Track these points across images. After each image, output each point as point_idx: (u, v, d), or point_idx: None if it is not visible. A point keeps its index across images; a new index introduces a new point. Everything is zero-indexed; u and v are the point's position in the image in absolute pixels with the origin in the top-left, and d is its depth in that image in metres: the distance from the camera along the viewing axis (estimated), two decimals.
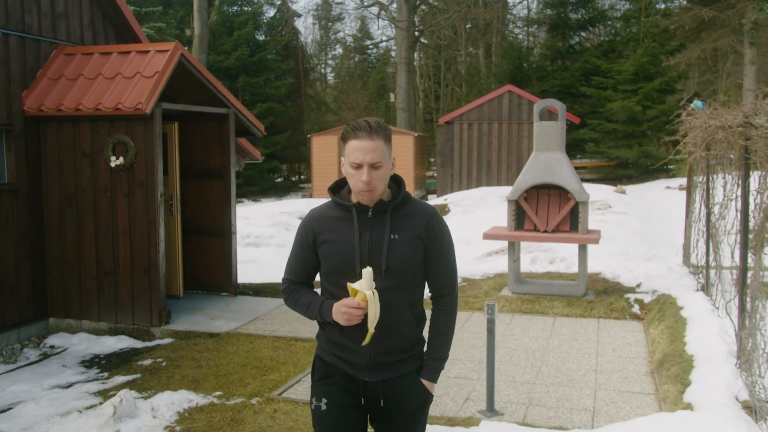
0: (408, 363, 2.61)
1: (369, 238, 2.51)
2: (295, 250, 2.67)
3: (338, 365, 2.60)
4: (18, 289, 7.15)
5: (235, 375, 5.72)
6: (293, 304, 2.67)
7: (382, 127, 2.50)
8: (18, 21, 7.08)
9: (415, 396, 2.59)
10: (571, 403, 5.01)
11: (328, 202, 2.65)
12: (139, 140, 6.99)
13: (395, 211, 2.56)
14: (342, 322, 2.46)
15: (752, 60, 19.90)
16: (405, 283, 2.55)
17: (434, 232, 2.58)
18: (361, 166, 2.45)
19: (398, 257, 2.51)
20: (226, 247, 8.60)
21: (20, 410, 5.16)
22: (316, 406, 2.62)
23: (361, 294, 2.42)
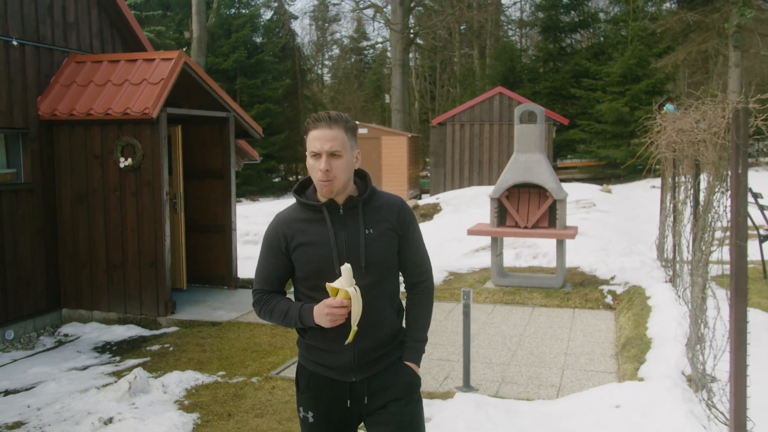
0: (389, 354, 2.59)
1: (344, 235, 2.47)
2: (265, 258, 2.59)
3: (321, 372, 2.56)
4: (34, 282, 7.68)
5: (236, 358, 6.25)
6: (268, 315, 2.58)
7: (343, 119, 2.48)
8: (33, 32, 7.61)
9: (401, 378, 2.57)
10: (540, 380, 5.56)
11: (294, 204, 2.60)
12: (146, 143, 7.52)
13: (365, 205, 2.54)
14: (326, 324, 2.40)
15: (736, 63, 20.47)
16: (384, 277, 2.53)
17: (406, 223, 2.57)
18: (319, 155, 2.42)
19: (376, 251, 2.49)
20: (227, 244, 9.13)
21: (42, 388, 5.69)
22: (303, 417, 2.61)
23: (343, 292, 2.37)
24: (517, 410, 4.44)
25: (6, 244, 7.30)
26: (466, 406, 4.42)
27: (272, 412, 4.93)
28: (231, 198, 9.10)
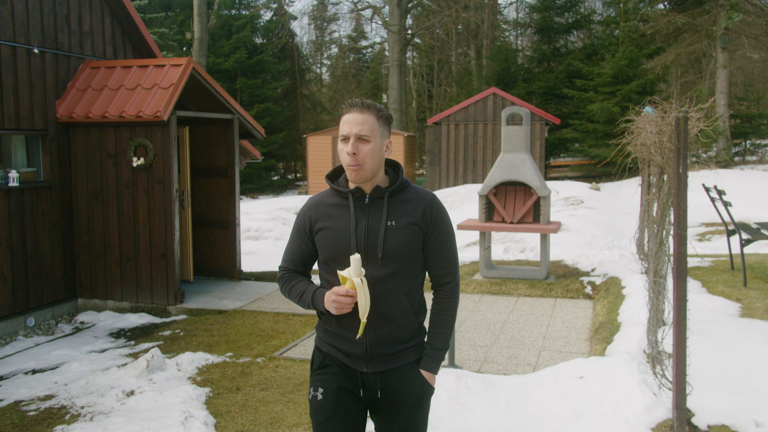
0: (407, 354, 2.56)
1: (365, 224, 2.48)
2: (293, 238, 2.66)
3: (335, 355, 2.58)
4: (52, 273, 8.25)
5: (242, 341, 6.83)
6: (287, 293, 2.65)
7: (376, 107, 2.49)
8: (52, 40, 8.16)
9: (413, 388, 2.55)
10: (518, 360, 6.13)
11: (327, 189, 2.64)
12: (158, 143, 8.08)
13: (392, 197, 2.53)
14: (332, 310, 2.43)
15: (724, 64, 21.03)
16: (401, 271, 2.49)
17: (432, 219, 2.52)
18: (348, 138, 2.44)
19: (394, 244, 2.46)
20: (231, 238, 9.70)
21: (67, 367, 6.26)
22: (312, 396, 2.60)
23: (350, 281, 2.39)
24: (493, 382, 5.02)
25: (27, 238, 7.87)
26: (448, 379, 4.99)
27: (276, 386, 5.50)
28: (235, 195, 9.67)
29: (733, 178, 17.93)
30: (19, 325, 7.77)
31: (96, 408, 5.10)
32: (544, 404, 4.65)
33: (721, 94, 21.18)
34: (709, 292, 7.36)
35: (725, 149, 20.73)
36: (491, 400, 4.74)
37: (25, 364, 6.57)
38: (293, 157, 32.40)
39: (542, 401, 4.69)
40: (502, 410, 4.59)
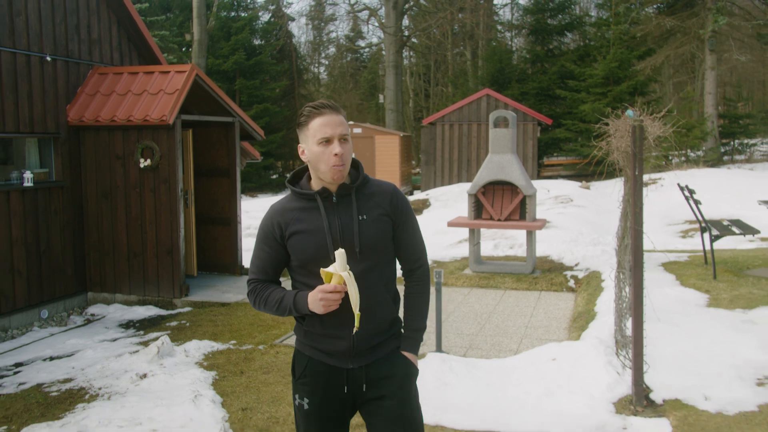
0: (388, 343, 2.62)
1: (338, 222, 2.51)
2: (260, 248, 2.63)
3: (319, 358, 2.59)
4: (64, 268, 8.72)
5: (244, 331, 7.31)
6: (263, 304, 2.61)
7: (337, 104, 2.55)
8: (63, 48, 8.64)
9: (398, 370, 2.60)
10: (501, 347, 6.63)
11: (288, 195, 2.65)
12: (163, 145, 8.56)
13: (358, 192, 2.57)
14: (320, 310, 2.43)
15: (712, 66, 21.53)
16: (378, 263, 2.55)
17: (400, 208, 2.60)
18: (330, 140, 2.45)
19: (370, 237, 2.51)
20: (233, 235, 10.19)
21: (82, 354, 6.74)
22: (299, 404, 2.62)
23: (337, 276, 2.39)
24: (475, 365, 5.51)
25: (41, 235, 8.34)
26: (434, 362, 5.48)
27: (277, 370, 5.99)
28: (236, 194, 10.15)
29: (720, 176, 18.43)
30: (34, 316, 8.25)
31: (112, 389, 5.58)
32: (520, 384, 5.15)
33: (709, 95, 21.69)
34: (681, 285, 7.86)
35: (713, 149, 21.24)
36: (473, 381, 5.23)
37: (42, 352, 7.05)
38: (291, 156, 32.86)
39: (519, 381, 5.18)
40: (482, 389, 5.08)
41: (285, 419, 4.87)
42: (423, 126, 22.37)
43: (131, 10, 9.53)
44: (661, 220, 14.60)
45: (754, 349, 5.54)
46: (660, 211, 15.35)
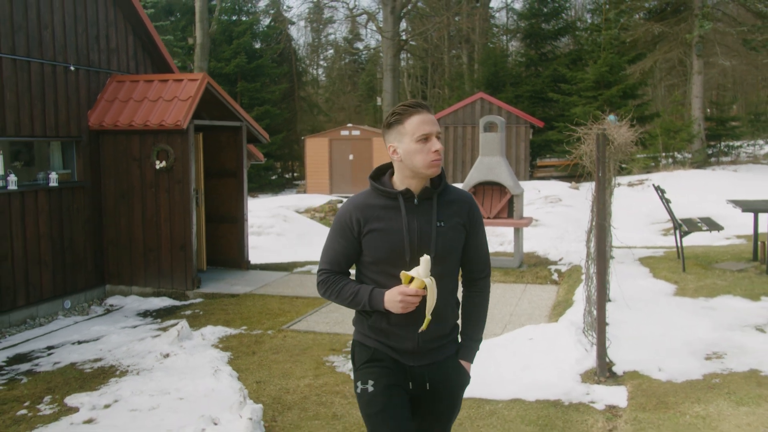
0: (448, 347, 2.68)
1: (417, 225, 2.54)
2: (335, 239, 2.66)
3: (384, 350, 2.64)
4: (84, 262, 9.42)
5: (254, 318, 8.01)
6: (335, 295, 2.65)
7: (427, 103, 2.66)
8: (85, 58, 9.33)
9: (456, 378, 2.68)
10: (487, 331, 7.29)
11: (367, 190, 2.67)
12: (177, 148, 9.25)
13: (439, 197, 2.61)
14: (396, 310, 2.48)
15: (699, 70, 22.27)
16: (449, 270, 2.60)
17: (475, 219, 2.67)
18: (429, 138, 2.51)
19: (445, 243, 2.55)
20: (240, 232, 10.88)
21: (107, 339, 7.43)
22: (362, 390, 2.63)
23: (418, 281, 2.43)
24: None
25: (64, 231, 9.04)
26: None
27: (285, 351, 6.69)
28: (243, 194, 10.85)
29: (705, 177, 19.18)
30: (58, 306, 8.94)
31: (140, 366, 6.28)
32: (501, 360, 5.85)
33: (696, 98, 22.43)
34: (653, 277, 8.58)
35: (699, 151, 21.98)
36: None
37: (70, 337, 7.74)
38: (291, 157, 33.60)
39: (500, 357, 5.89)
40: None
41: (294, 390, 5.57)
42: None
43: (146, 20, 10.22)
44: (646, 218, 15.32)
45: (708, 330, 6.26)
46: (645, 210, 16.08)
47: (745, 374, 5.19)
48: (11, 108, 8.20)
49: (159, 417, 5.05)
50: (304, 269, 10.89)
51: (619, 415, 4.70)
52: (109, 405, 5.37)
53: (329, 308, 8.30)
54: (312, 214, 19.65)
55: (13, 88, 8.21)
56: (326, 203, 20.36)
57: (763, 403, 4.61)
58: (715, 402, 4.69)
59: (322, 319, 7.86)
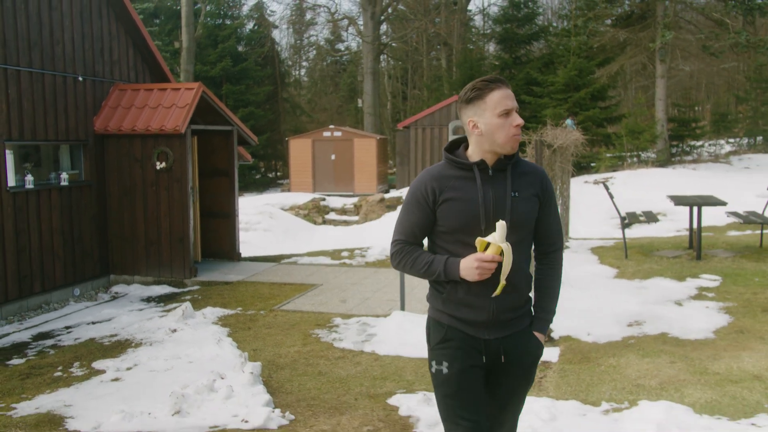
0: (522, 319, 2.69)
1: (492, 195, 2.56)
2: (409, 211, 2.67)
3: (457, 326, 2.63)
4: (91, 254, 10.40)
5: (248, 301, 9.06)
6: (409, 265, 2.67)
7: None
8: (90, 69, 10.31)
9: (531, 350, 2.69)
10: None
11: (442, 162, 2.70)
12: (176, 150, 10.26)
13: (513, 169, 2.63)
14: (473, 277, 2.49)
15: (662, 74, 23.57)
16: (523, 240, 2.62)
17: (548, 191, 2.68)
18: (510, 112, 2.54)
19: (520, 213, 2.57)
20: (231, 226, 11.91)
21: (118, 319, 8.44)
22: (437, 370, 2.65)
23: (494, 247, 2.45)
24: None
25: (74, 226, 10.02)
26: (396, 317, 7.29)
27: (276, 326, 7.75)
28: (234, 191, 11.87)
29: (666, 175, 20.44)
30: (68, 294, 9.92)
31: (152, 339, 7.32)
32: None
33: (659, 101, 23.71)
34: (600, 263, 9.74)
35: (662, 150, 23.26)
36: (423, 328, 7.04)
37: (84, 319, 8.73)
38: (274, 157, 34.54)
39: None
40: None
41: (285, 355, 6.63)
42: (398, 129, 24.20)
43: (144, 34, 11.21)
44: (606, 213, 16.50)
45: (635, 305, 7.42)
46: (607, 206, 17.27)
47: (655, 336, 6.34)
48: (28, 116, 9.17)
49: (174, 375, 6.09)
50: (291, 260, 11.95)
51: (551, 367, 5.82)
52: (130, 368, 6.40)
53: (314, 292, 9.37)
54: (296, 212, 20.69)
55: (29, 98, 9.18)
56: (310, 201, 21.41)
57: (662, 356, 5.76)
58: (626, 356, 5.84)
59: (308, 301, 8.93)
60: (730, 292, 7.85)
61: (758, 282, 8.23)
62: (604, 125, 26.85)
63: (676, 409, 4.47)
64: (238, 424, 4.76)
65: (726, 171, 21.74)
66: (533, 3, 30.33)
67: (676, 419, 4.30)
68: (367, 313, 8.13)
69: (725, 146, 27.66)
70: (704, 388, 5.01)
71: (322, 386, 5.66)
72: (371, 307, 8.46)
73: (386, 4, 33.48)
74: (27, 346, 7.50)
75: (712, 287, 8.14)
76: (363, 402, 5.19)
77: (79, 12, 9.99)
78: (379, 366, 6.16)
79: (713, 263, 9.37)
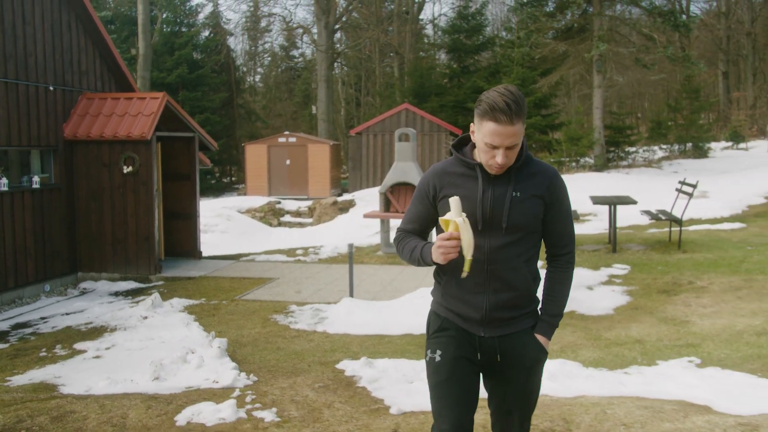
0: (523, 320, 2.65)
1: (491, 195, 2.54)
2: (414, 203, 2.74)
3: (453, 319, 2.65)
4: (61, 252, 11.09)
5: (211, 293, 9.91)
6: (401, 251, 2.73)
7: (522, 110, 2.46)
8: (61, 79, 11.03)
9: (530, 351, 2.64)
10: (396, 297, 9.44)
11: (450, 159, 2.69)
12: (142, 156, 11.05)
13: (519, 170, 2.59)
14: (440, 260, 2.48)
15: (599, 84, 25.10)
16: (523, 240, 2.57)
17: (555, 193, 2.62)
18: (496, 148, 2.47)
19: (518, 215, 2.54)
20: (193, 227, 12.72)
21: (91, 310, 9.21)
22: (430, 358, 2.67)
23: (452, 224, 2.42)
24: (372, 304, 8.33)
25: (45, 226, 10.71)
26: (345, 302, 8.28)
27: (238, 313, 8.65)
28: (196, 194, 12.69)
29: (600, 179, 21.90)
30: (40, 289, 10.61)
31: (125, 325, 8.14)
32: (398, 313, 7.98)
33: (596, 109, 25.25)
34: None
35: (599, 156, 24.79)
36: (369, 311, 8.05)
37: (58, 311, 9.46)
38: (229, 162, 35.17)
39: (398, 310, 8.02)
40: (373, 315, 7.90)
41: (247, 335, 7.54)
42: (350, 135, 25.20)
43: (111, 46, 11.97)
44: None
45: None
46: None
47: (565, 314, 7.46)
48: (2, 122, 9.87)
49: (149, 352, 6.95)
50: (249, 258, 12.81)
51: None
52: (109, 348, 7.23)
53: (272, 285, 10.28)
54: (253, 214, 21.50)
55: (4, 106, 9.88)
56: (265, 204, 22.23)
57: (567, 328, 6.88)
58: None
59: (267, 292, 9.84)
60: (635, 279, 9.08)
61: (660, 270, 9.48)
62: (547, 132, 28.37)
63: (568, 365, 5.56)
64: (210, 385, 5.67)
65: (656, 175, 23.35)
66: (480, 15, 31.79)
67: (566, 370, 5.38)
68: (319, 301, 9.10)
69: (658, 152, 29.42)
70: (595, 350, 6.13)
71: (281, 358, 6.60)
72: (323, 296, 9.42)
73: (340, 13, 34.50)
74: (8, 335, 8.23)
75: (620, 275, 9.35)
76: (315, 368, 6.16)
77: (50, 26, 10.72)
78: (329, 342, 7.14)
79: (626, 255, 10.62)
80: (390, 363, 5.91)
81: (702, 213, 15.40)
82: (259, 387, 5.50)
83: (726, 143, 33.36)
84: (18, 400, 5.35)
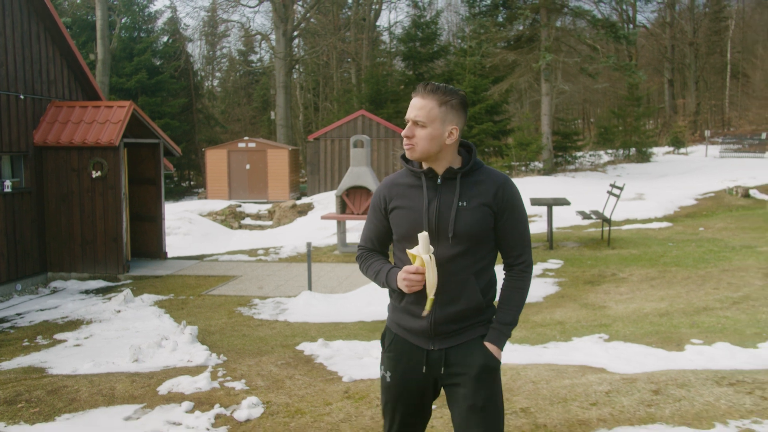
0: (472, 330, 2.60)
1: (437, 204, 2.51)
2: (369, 218, 2.74)
3: (401, 335, 2.65)
4: (31, 253, 11.63)
5: (178, 289, 10.60)
6: (365, 270, 2.74)
7: (441, 91, 2.48)
8: (30, 88, 11.58)
9: (475, 359, 2.56)
10: (351, 290, 10.27)
11: (402, 170, 2.68)
12: (111, 161, 11.67)
13: (465, 178, 2.56)
14: (404, 289, 2.49)
15: (547, 92, 26.37)
16: (471, 251, 2.52)
17: (505, 200, 2.56)
18: (408, 121, 2.52)
19: (465, 224, 2.50)
20: (158, 229, 13.34)
21: (64, 306, 9.82)
22: (382, 376, 2.71)
23: (419, 259, 2.43)
24: (329, 297, 9.15)
25: (16, 228, 11.24)
26: (305, 295, 9.08)
27: (205, 307, 9.37)
28: (161, 198, 13.32)
29: (550, 182, 23.11)
30: (11, 289, 11.14)
31: (100, 318, 8.79)
32: (352, 303, 8.82)
33: (545, 116, 26.52)
34: None
35: (547, 160, 26.05)
36: (326, 303, 8.87)
37: (32, 308, 10.04)
38: (189, 166, 35.51)
39: (352, 301, 8.85)
40: (330, 306, 8.73)
41: (215, 325, 8.28)
42: (308, 141, 25.95)
43: (78, 56, 12.54)
44: None
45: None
46: None
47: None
48: None
49: (126, 340, 7.65)
50: (212, 258, 13.50)
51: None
52: (87, 337, 7.90)
53: (235, 282, 11.02)
54: (214, 217, 22.08)
55: None
56: (226, 207, 22.83)
57: None
58: None
59: (231, 288, 10.57)
60: (566, 272, 10.09)
61: (589, 264, 10.53)
62: (499, 137, 29.56)
63: None
64: (185, 364, 6.42)
65: (600, 178, 24.69)
66: (434, 24, 32.87)
67: None
68: (281, 295, 9.88)
69: (604, 156, 30.91)
70: (522, 330, 7.06)
71: (247, 342, 7.38)
72: (284, 291, 10.21)
73: (298, 21, 35.21)
74: None
75: (554, 268, 10.36)
76: (278, 349, 6.95)
77: (20, 37, 11.27)
78: (290, 329, 7.94)
79: (561, 252, 11.66)
80: (344, 344, 6.75)
81: (637, 213, 16.63)
82: (229, 365, 6.27)
83: (668, 148, 35.16)
84: (12, 379, 6.02)
